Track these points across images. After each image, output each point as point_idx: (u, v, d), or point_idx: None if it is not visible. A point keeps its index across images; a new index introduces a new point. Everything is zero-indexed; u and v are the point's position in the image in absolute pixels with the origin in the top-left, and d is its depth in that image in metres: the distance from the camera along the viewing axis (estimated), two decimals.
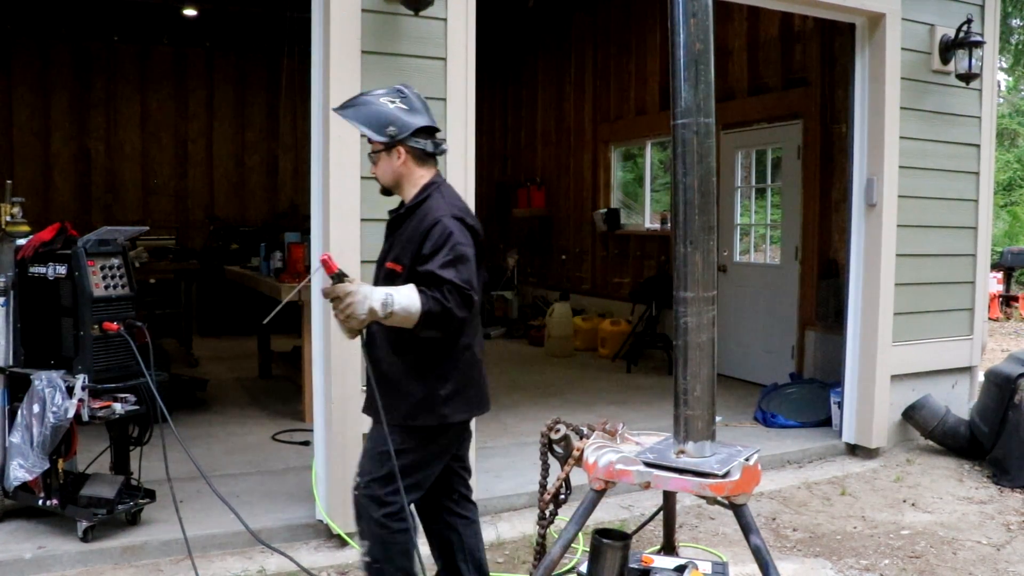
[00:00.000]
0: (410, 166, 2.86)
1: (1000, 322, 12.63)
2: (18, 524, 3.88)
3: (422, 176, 2.88)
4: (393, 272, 2.80)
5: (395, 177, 2.89)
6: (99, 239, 3.79)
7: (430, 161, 2.89)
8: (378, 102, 2.83)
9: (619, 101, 9.66)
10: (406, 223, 2.85)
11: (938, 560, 3.90)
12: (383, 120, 2.81)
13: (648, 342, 8.31)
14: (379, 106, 2.82)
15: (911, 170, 5.50)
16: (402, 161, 2.84)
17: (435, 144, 2.88)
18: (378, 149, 2.86)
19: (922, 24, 5.51)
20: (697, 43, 2.33)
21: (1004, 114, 19.81)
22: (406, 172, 2.86)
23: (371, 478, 2.84)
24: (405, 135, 2.80)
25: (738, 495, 2.31)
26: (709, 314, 2.38)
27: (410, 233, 2.81)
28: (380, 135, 2.81)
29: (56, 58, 10.63)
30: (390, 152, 2.83)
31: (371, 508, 2.84)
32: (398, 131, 2.80)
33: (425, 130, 2.84)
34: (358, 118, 2.83)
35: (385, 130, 2.80)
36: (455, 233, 2.71)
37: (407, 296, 2.61)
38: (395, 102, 2.83)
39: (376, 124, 2.82)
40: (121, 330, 3.64)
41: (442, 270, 2.65)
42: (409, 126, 2.81)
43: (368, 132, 2.83)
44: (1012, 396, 5.12)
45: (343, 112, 2.87)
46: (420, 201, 2.85)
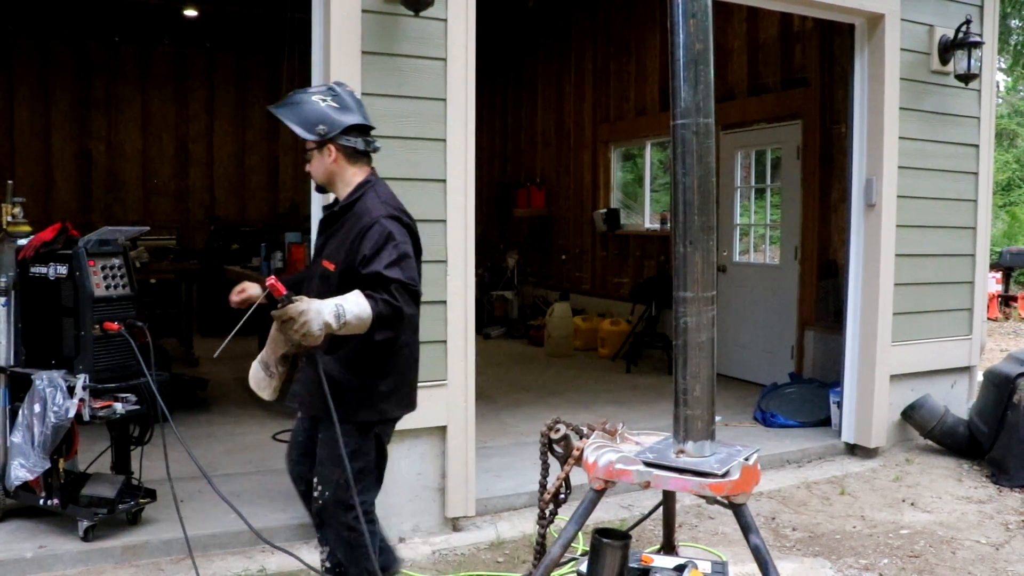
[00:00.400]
0: (342, 164, 2.91)
1: (999, 322, 12.64)
2: (19, 523, 3.88)
3: (355, 174, 2.94)
4: (326, 271, 2.87)
5: (327, 175, 2.95)
6: (100, 239, 3.79)
7: (363, 159, 2.95)
8: (310, 100, 2.88)
9: (619, 101, 9.67)
10: (340, 221, 2.91)
11: (937, 559, 3.90)
12: (314, 119, 2.86)
13: (648, 342, 8.32)
14: (311, 104, 2.87)
15: (910, 170, 5.50)
16: (333, 159, 2.89)
17: (367, 142, 2.92)
18: (310, 147, 2.91)
19: (921, 24, 5.52)
20: (697, 43, 2.33)
21: (1003, 114, 19.82)
22: (338, 170, 2.92)
23: (336, 484, 2.89)
24: (335, 133, 2.85)
25: (738, 495, 2.31)
26: (709, 314, 2.39)
27: (345, 232, 2.86)
28: (311, 134, 2.86)
29: (57, 58, 10.64)
30: (321, 150, 2.89)
31: (339, 514, 2.90)
32: (328, 129, 2.85)
33: (357, 128, 2.89)
34: (290, 117, 2.88)
35: (315, 128, 2.85)
36: (394, 232, 2.77)
37: (356, 304, 2.63)
38: (327, 100, 2.89)
39: (307, 123, 2.87)
40: (122, 330, 3.65)
41: (388, 270, 2.70)
42: (339, 124, 2.86)
43: (299, 131, 2.88)
44: (1011, 396, 5.12)
45: (276, 111, 2.92)
46: (354, 200, 2.90)
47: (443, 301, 4.05)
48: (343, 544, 2.97)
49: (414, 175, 3.96)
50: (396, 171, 3.92)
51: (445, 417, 4.09)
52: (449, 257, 4.05)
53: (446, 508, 4.15)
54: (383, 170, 3.85)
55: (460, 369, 4.09)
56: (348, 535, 2.92)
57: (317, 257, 2.99)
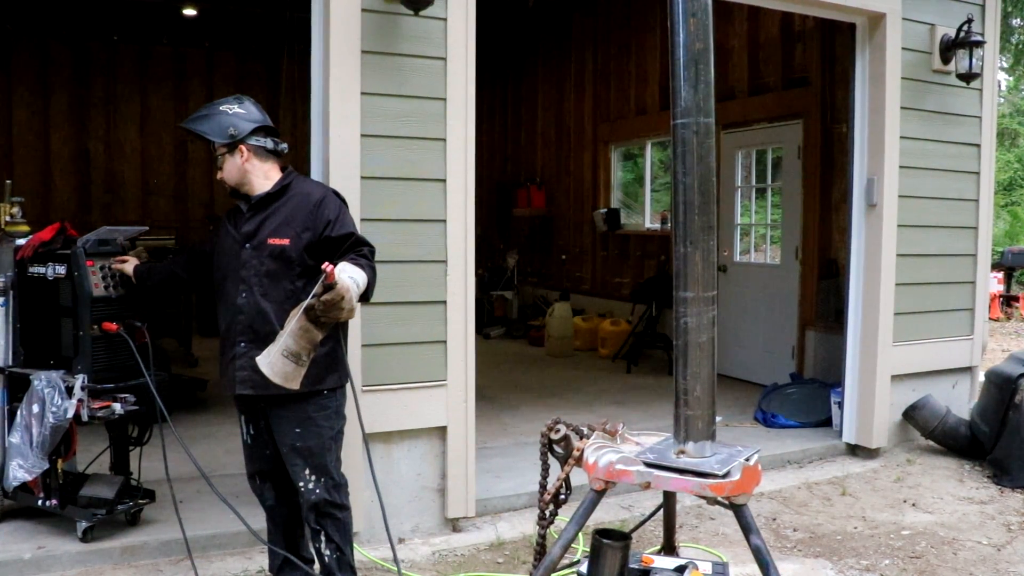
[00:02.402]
0: (254, 162, 3.09)
1: (1000, 322, 12.63)
2: (18, 524, 3.88)
3: (270, 170, 3.13)
4: (278, 247, 2.99)
5: (241, 174, 3.11)
6: (98, 239, 3.78)
7: (273, 157, 3.14)
8: (219, 111, 3.12)
9: (619, 101, 9.66)
10: (274, 206, 3.06)
11: (938, 560, 3.89)
12: (224, 125, 3.09)
13: (648, 342, 8.31)
14: (219, 114, 3.11)
15: (911, 170, 5.49)
16: (246, 158, 3.08)
17: (275, 142, 3.14)
18: (222, 152, 3.09)
19: (922, 24, 5.51)
20: (697, 43, 2.32)
21: (1004, 114, 19.82)
22: (251, 168, 3.10)
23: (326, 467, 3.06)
24: (244, 135, 3.07)
25: (738, 495, 2.31)
26: (709, 314, 2.38)
27: (288, 211, 3.04)
28: (222, 138, 3.07)
29: (56, 58, 10.63)
30: (233, 152, 3.08)
31: (335, 495, 3.07)
32: (237, 132, 3.06)
33: (263, 129, 3.12)
34: (201, 128, 3.09)
35: (226, 132, 3.07)
36: (344, 202, 3.11)
37: (355, 270, 2.86)
38: (233, 108, 3.12)
39: (218, 129, 3.09)
40: (120, 330, 3.64)
41: (356, 232, 3.06)
42: (246, 127, 3.08)
43: (212, 137, 3.08)
44: (1012, 396, 5.11)
45: (189, 126, 3.12)
46: (287, 184, 3.10)
47: (443, 301, 4.04)
48: (340, 527, 3.11)
49: (414, 175, 3.96)
50: (396, 171, 3.93)
51: (445, 417, 4.08)
52: (449, 257, 4.04)
53: (446, 509, 4.14)
54: (383, 170, 3.88)
55: (460, 369, 4.09)
56: (343, 515, 3.11)
57: (248, 240, 3.04)
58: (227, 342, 3.10)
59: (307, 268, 2.99)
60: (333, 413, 3.08)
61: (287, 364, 2.81)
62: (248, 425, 3.20)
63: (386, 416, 3.95)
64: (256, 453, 3.22)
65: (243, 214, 3.12)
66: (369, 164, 3.84)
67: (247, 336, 3.01)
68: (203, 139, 3.09)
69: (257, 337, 2.98)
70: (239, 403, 3.18)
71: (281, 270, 2.99)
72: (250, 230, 3.06)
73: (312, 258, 2.98)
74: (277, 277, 2.99)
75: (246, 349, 2.99)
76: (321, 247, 2.99)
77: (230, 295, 3.07)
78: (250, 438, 3.21)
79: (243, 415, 3.20)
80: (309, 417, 3.02)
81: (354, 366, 3.78)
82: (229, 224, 3.17)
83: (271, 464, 3.20)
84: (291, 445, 3.04)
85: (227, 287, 3.09)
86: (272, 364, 2.82)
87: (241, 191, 3.12)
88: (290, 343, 2.80)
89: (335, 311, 2.74)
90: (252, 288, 3.01)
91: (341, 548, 3.10)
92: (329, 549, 3.08)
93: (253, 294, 3.00)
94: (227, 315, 3.09)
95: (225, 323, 3.11)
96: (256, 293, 3.00)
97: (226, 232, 3.16)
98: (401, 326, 3.95)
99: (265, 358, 2.83)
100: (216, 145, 3.08)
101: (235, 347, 3.04)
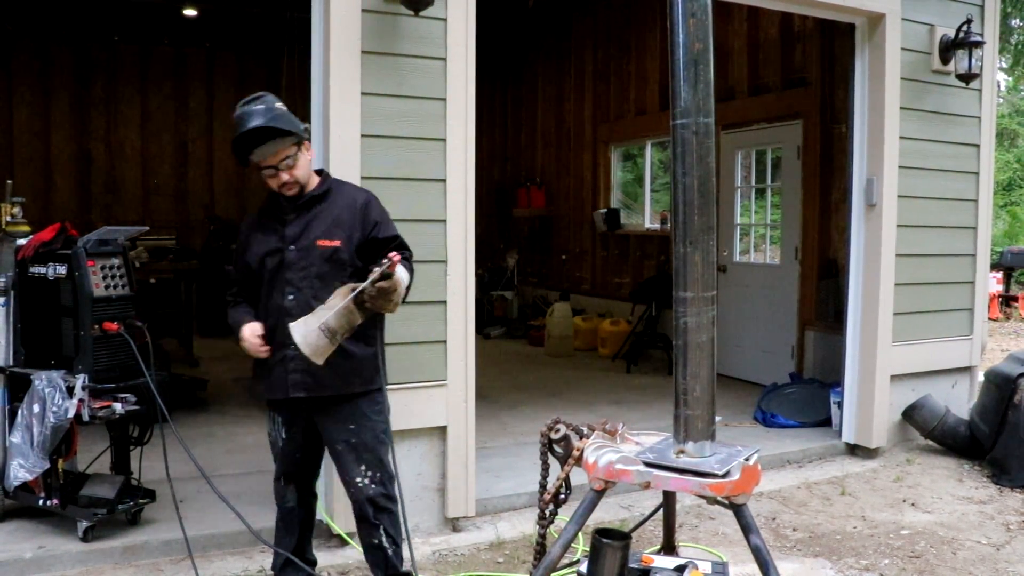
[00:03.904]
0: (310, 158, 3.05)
1: (1000, 322, 12.63)
2: (18, 524, 3.88)
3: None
4: (329, 249, 2.95)
5: (308, 171, 3.03)
6: (99, 239, 3.79)
7: None
8: (275, 106, 2.94)
9: (619, 101, 9.66)
10: (319, 206, 3.00)
11: (938, 560, 3.90)
12: (293, 120, 2.97)
13: (648, 342, 8.31)
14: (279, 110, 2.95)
15: (911, 170, 5.50)
16: (311, 154, 3.04)
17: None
18: (293, 150, 2.95)
19: (922, 24, 5.51)
20: (696, 43, 2.33)
21: (1004, 114, 19.81)
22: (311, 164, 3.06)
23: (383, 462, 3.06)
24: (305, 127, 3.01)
25: (738, 495, 2.31)
26: (709, 314, 2.38)
27: (338, 213, 2.99)
28: (301, 133, 2.95)
29: (56, 58, 10.64)
30: (301, 148, 2.97)
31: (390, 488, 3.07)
32: (306, 126, 3.00)
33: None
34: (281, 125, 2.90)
35: (300, 126, 2.97)
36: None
37: (403, 270, 2.86)
38: (279, 103, 2.97)
39: (294, 125, 2.95)
40: (121, 330, 3.64)
41: (399, 235, 3.06)
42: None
43: (300, 134, 2.95)
44: (1012, 396, 5.12)
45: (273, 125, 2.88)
46: (328, 187, 3.04)
47: (443, 301, 4.05)
48: (395, 520, 3.12)
49: (414, 175, 3.96)
50: (396, 171, 3.93)
51: (445, 417, 4.09)
52: (449, 257, 4.04)
53: (446, 508, 4.14)
54: (383, 170, 3.88)
55: (460, 369, 4.09)
56: (396, 508, 3.10)
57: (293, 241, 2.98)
58: (274, 345, 3.00)
59: (357, 270, 2.96)
60: (384, 409, 3.10)
61: (321, 338, 2.74)
62: (284, 427, 3.13)
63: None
64: (288, 455, 3.17)
65: (282, 216, 3.02)
66: (369, 164, 3.84)
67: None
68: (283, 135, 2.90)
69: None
70: (280, 406, 3.10)
71: (333, 272, 2.95)
72: (295, 232, 2.97)
73: (359, 259, 2.97)
74: (328, 279, 2.94)
75: (296, 352, 2.89)
76: (366, 248, 2.98)
77: (274, 297, 3.00)
78: (283, 440, 3.15)
79: (280, 417, 3.13)
80: (364, 414, 3.03)
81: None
82: (262, 227, 3.06)
83: (297, 467, 3.18)
84: (346, 442, 3.03)
85: (269, 289, 3.01)
86: (307, 335, 2.74)
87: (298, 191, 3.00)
88: (331, 320, 2.74)
89: (383, 301, 2.73)
90: (301, 290, 2.95)
91: (397, 541, 3.11)
92: (388, 542, 3.09)
93: (303, 296, 2.94)
94: (272, 317, 2.99)
95: (270, 325, 3.00)
96: (307, 295, 2.93)
97: (261, 236, 3.04)
98: (401, 326, 3.94)
99: (301, 327, 2.75)
100: (290, 143, 2.93)
101: (284, 349, 2.95)
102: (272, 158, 2.91)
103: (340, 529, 3.83)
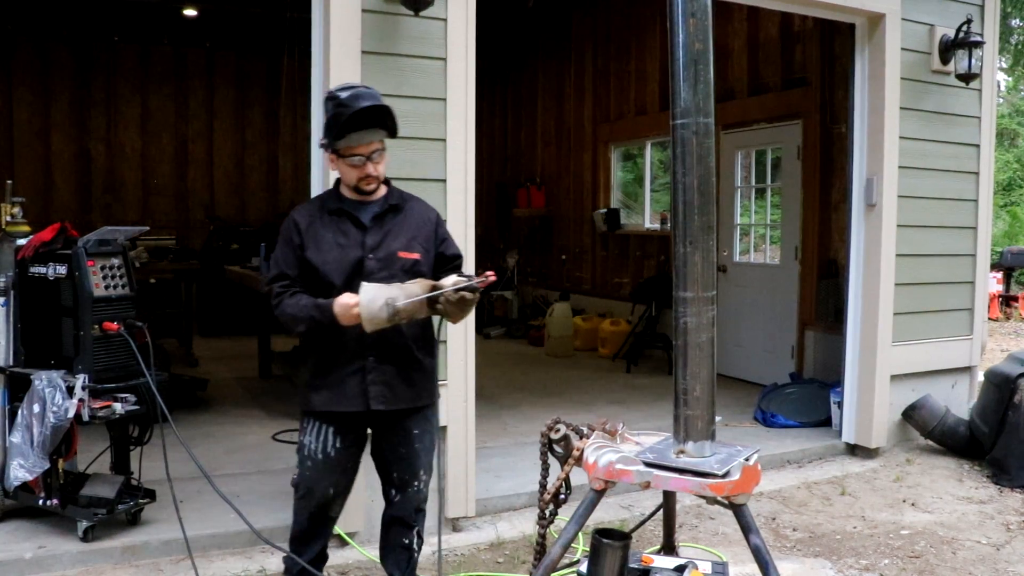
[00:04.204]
0: None
1: (1000, 322, 12.63)
2: (18, 524, 3.88)
3: None
4: (411, 261, 2.89)
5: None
6: (99, 239, 3.79)
7: None
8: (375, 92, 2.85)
9: (619, 101, 9.66)
10: (396, 216, 2.92)
11: (938, 560, 3.90)
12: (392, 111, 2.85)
13: (648, 342, 8.31)
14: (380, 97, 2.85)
15: (911, 170, 5.50)
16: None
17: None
18: (383, 147, 2.88)
19: (922, 24, 5.51)
20: (696, 43, 2.33)
21: (1004, 114, 19.81)
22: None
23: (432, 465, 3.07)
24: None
25: (738, 495, 2.31)
26: (709, 314, 2.38)
27: (415, 225, 2.92)
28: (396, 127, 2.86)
29: (56, 58, 10.64)
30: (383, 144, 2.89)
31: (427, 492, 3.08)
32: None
33: None
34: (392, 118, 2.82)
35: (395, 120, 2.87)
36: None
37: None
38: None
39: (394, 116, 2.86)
40: (121, 330, 3.64)
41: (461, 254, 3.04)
42: None
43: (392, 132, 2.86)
44: (1012, 396, 5.12)
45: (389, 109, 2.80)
46: (404, 198, 2.97)
47: None
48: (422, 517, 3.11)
49: (414, 175, 3.95)
50: (396, 171, 3.90)
51: (445, 417, 4.06)
52: None
53: (446, 508, 4.14)
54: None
55: (460, 369, 4.09)
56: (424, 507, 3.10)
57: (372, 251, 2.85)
58: (345, 355, 2.85)
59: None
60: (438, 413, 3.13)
61: (382, 312, 2.65)
62: (337, 438, 2.94)
63: None
64: (338, 467, 2.97)
65: (356, 219, 2.89)
66: None
67: (376, 350, 2.84)
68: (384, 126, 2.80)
69: (388, 350, 2.85)
70: (339, 417, 2.92)
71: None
72: (375, 241, 2.86)
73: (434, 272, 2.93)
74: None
75: (376, 363, 2.84)
76: (436, 262, 2.96)
77: None
78: (335, 451, 2.94)
79: (332, 427, 2.93)
80: (427, 420, 3.03)
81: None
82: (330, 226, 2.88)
83: (349, 478, 3.04)
84: (415, 449, 3.00)
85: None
86: (373, 300, 2.65)
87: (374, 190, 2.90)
88: (402, 303, 2.65)
89: (455, 309, 2.72)
90: None
91: (422, 543, 3.12)
92: (417, 543, 3.10)
93: None
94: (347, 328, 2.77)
95: (342, 335, 2.81)
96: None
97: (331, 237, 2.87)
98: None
99: (371, 291, 2.67)
100: (382, 137, 2.83)
101: (362, 360, 2.85)
102: (366, 147, 2.80)
103: (340, 529, 3.83)
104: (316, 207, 2.97)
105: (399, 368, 2.90)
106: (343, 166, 2.85)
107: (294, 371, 6.60)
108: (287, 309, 2.84)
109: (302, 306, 2.81)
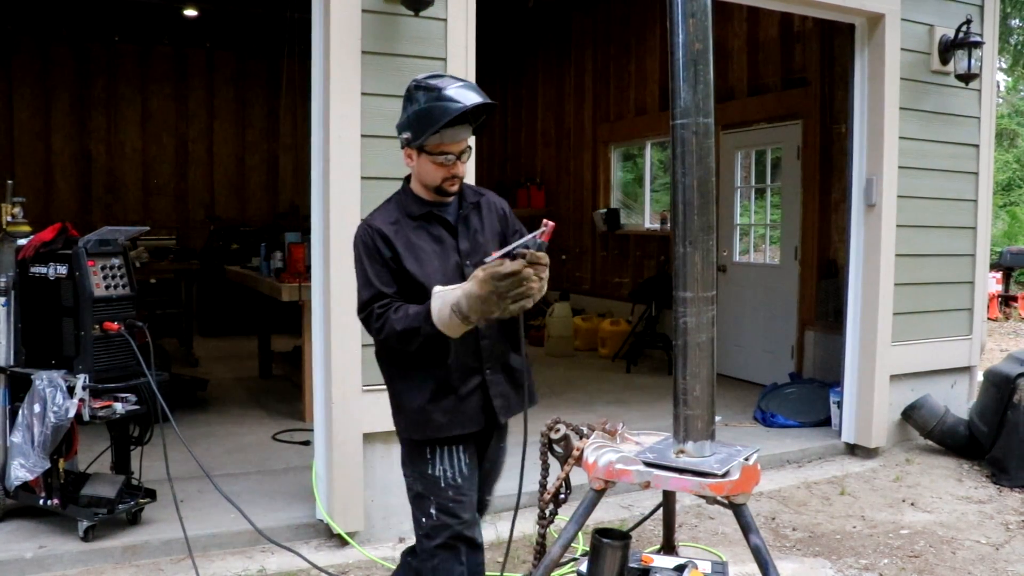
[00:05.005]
0: None
1: (999, 322, 12.64)
2: (19, 523, 3.89)
3: None
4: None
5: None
6: (100, 239, 3.79)
7: None
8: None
9: (619, 101, 9.67)
10: (477, 216, 2.69)
11: (937, 559, 3.90)
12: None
13: (648, 342, 8.31)
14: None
15: (910, 170, 5.50)
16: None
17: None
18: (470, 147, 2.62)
19: (921, 24, 5.52)
20: (696, 43, 2.33)
21: (1003, 114, 19.81)
22: None
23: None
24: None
25: (738, 495, 2.31)
26: (709, 314, 2.38)
27: (493, 218, 2.71)
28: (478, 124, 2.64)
29: (57, 58, 10.64)
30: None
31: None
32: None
33: None
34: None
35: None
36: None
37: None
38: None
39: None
40: (122, 330, 3.65)
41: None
42: None
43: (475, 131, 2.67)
44: (1011, 396, 5.12)
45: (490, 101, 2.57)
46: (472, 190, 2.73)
47: None
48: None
49: None
50: (396, 172, 3.89)
51: None
52: None
53: None
54: (383, 170, 3.88)
55: None
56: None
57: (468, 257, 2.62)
58: (461, 371, 2.64)
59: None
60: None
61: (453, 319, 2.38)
62: (468, 457, 2.81)
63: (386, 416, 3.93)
64: (473, 485, 2.86)
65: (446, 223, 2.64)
66: (369, 164, 3.84)
67: (492, 362, 2.67)
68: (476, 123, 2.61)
69: (502, 361, 2.70)
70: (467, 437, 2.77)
71: None
72: (467, 246, 2.63)
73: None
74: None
75: (494, 376, 2.69)
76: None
77: None
78: (468, 469, 2.81)
79: (461, 447, 2.77)
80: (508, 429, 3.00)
81: (354, 366, 3.80)
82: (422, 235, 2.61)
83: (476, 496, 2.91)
84: (501, 461, 3.03)
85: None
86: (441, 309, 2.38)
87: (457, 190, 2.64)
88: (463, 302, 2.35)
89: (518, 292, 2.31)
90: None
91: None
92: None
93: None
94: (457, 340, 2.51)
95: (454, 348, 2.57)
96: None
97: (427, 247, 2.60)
98: None
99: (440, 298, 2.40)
100: (471, 134, 2.61)
101: (480, 375, 2.67)
102: (456, 145, 2.53)
103: (340, 529, 3.83)
104: (396, 212, 2.63)
105: (507, 375, 2.76)
106: (427, 164, 2.54)
107: (294, 371, 6.61)
108: (396, 326, 2.47)
109: (413, 315, 2.46)
